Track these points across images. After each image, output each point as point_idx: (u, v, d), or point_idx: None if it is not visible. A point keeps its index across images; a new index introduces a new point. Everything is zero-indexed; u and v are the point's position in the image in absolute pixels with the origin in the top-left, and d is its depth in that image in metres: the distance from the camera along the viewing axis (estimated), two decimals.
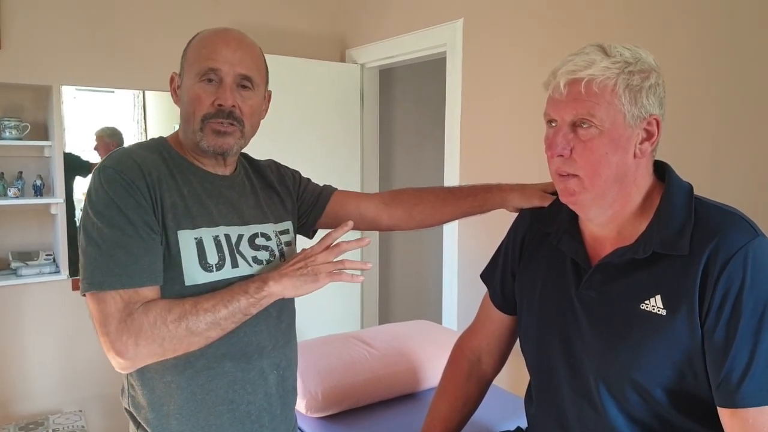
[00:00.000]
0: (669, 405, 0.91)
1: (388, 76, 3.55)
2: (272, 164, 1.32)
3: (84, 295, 0.99)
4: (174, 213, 1.03)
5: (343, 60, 3.22)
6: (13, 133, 2.51)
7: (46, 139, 2.63)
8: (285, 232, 1.21)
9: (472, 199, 1.30)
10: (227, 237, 1.09)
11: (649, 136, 0.93)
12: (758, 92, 1.51)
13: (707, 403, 0.89)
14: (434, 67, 3.10)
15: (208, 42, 1.07)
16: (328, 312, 3.04)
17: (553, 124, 0.96)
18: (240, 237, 1.11)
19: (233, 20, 2.85)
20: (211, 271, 1.05)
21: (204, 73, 1.05)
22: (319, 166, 3.00)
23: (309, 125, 2.95)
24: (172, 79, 1.14)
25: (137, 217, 0.99)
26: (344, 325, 3.08)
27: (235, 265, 1.08)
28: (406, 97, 3.76)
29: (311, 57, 3.01)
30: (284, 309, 1.18)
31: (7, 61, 2.45)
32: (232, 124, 1.07)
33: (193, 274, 1.03)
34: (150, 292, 0.99)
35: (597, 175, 0.92)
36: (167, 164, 1.08)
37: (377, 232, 3.32)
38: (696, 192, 0.96)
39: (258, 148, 3.01)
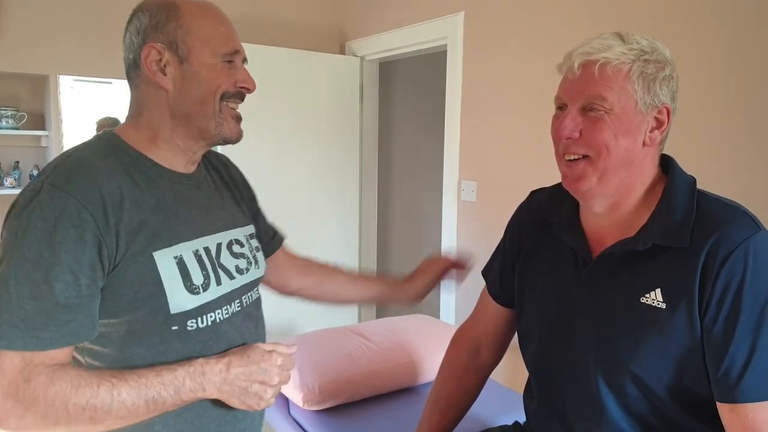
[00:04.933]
0: (668, 400, 0.90)
1: (388, 68, 3.54)
2: (227, 160, 1.19)
3: None
4: (145, 232, 0.88)
5: (342, 52, 3.20)
6: (10, 122, 2.49)
7: (43, 129, 2.62)
8: (253, 236, 1.11)
9: (381, 284, 1.34)
10: (207, 250, 0.96)
11: (659, 124, 0.92)
12: (765, 88, 1.50)
13: (707, 398, 0.88)
14: (434, 60, 3.09)
15: (221, 21, 0.97)
16: (325, 305, 3.03)
17: (562, 109, 0.95)
18: (219, 246, 0.99)
19: (232, 11, 2.80)
20: (198, 293, 0.92)
21: (230, 55, 0.95)
22: (318, 159, 2.99)
23: (308, 118, 2.93)
24: (147, 54, 0.91)
25: (74, 257, 0.80)
26: (342, 318, 3.08)
27: (218, 282, 0.96)
28: (406, 91, 3.74)
29: (310, 49, 2.99)
30: (260, 324, 1.09)
31: (5, 50, 2.43)
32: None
33: (180, 301, 0.90)
34: (61, 353, 0.82)
35: (606, 155, 0.91)
36: (128, 171, 0.91)
37: (375, 230, 3.32)
38: (702, 187, 0.95)
39: (256, 141, 3.00)
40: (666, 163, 0.98)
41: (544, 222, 1.10)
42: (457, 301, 2.57)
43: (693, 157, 1.49)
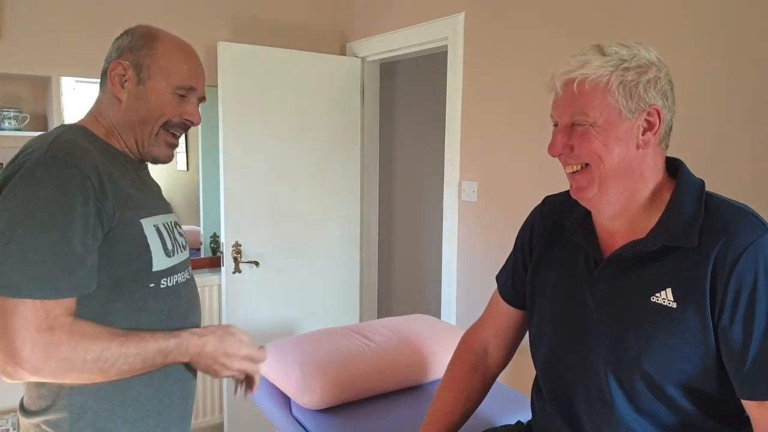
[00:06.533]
0: (678, 397, 0.92)
1: (389, 69, 3.54)
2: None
3: None
4: (131, 203, 1.02)
5: (343, 53, 3.20)
6: (13, 123, 2.50)
7: (46, 130, 2.63)
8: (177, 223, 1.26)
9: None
10: (165, 225, 1.13)
11: (651, 126, 0.94)
12: (761, 88, 1.51)
13: (716, 396, 0.90)
14: (435, 61, 3.09)
15: (188, 58, 1.11)
16: (327, 305, 3.04)
17: (556, 126, 0.99)
18: (169, 224, 1.15)
19: (233, 13, 2.83)
20: (170, 256, 1.10)
21: (185, 90, 1.10)
22: (319, 160, 2.99)
23: (309, 119, 2.94)
24: (114, 68, 1.08)
25: (82, 218, 0.92)
26: (343, 318, 3.08)
27: (178, 251, 1.14)
28: (407, 91, 3.75)
29: (312, 50, 3.00)
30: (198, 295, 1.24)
31: (7, 51, 2.44)
32: (177, 136, 1.15)
33: (159, 261, 1.07)
34: (72, 303, 0.93)
35: (599, 162, 0.95)
36: (103, 153, 1.05)
37: (376, 230, 3.32)
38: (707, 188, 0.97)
39: (257, 142, 2.99)
40: (675, 167, 1.00)
41: (557, 225, 1.12)
42: (458, 301, 2.57)
43: (692, 158, 1.50)
